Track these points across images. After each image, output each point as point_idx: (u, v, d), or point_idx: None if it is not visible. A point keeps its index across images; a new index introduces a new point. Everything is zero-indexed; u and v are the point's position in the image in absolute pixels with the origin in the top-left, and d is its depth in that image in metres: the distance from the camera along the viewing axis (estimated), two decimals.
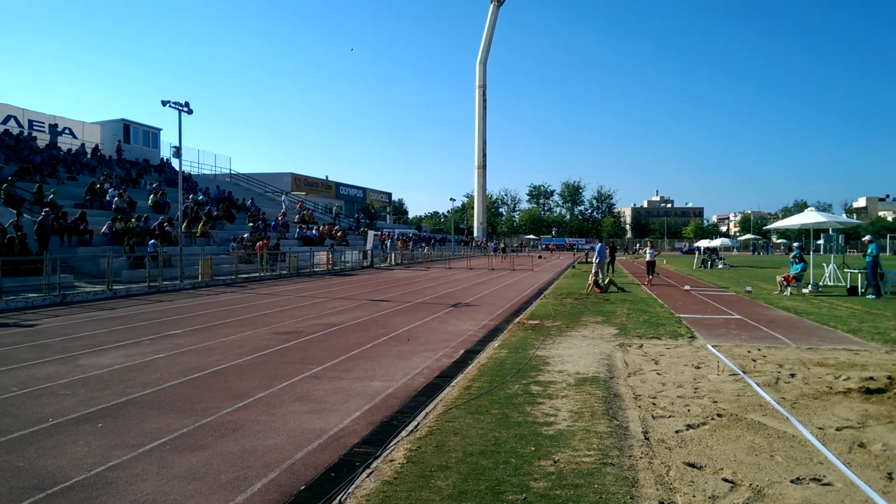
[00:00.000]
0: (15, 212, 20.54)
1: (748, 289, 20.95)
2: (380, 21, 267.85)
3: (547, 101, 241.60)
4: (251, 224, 35.58)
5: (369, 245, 42.18)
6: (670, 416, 5.99)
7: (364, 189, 79.93)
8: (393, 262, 43.71)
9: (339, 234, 44.09)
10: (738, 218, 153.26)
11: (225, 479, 4.58)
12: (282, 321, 13.32)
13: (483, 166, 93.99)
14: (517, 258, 52.36)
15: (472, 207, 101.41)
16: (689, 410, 6.21)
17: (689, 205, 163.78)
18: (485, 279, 28.21)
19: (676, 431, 5.52)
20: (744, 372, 7.99)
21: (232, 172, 54.09)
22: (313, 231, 41.12)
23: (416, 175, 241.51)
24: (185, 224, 27.18)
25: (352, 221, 59.39)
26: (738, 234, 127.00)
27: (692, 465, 4.72)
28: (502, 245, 71.02)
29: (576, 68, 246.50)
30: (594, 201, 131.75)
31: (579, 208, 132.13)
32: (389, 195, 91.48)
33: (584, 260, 48.59)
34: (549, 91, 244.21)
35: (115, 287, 19.08)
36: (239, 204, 40.89)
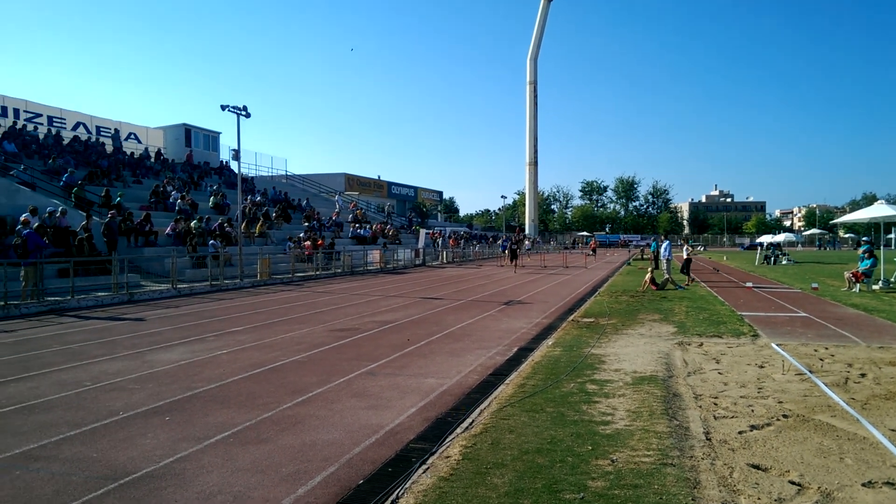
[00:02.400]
0: (85, 214, 21.58)
1: (814, 285, 20.11)
2: (429, 18, 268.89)
3: (599, 95, 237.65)
4: (307, 224, 36.34)
5: (421, 243, 42.49)
6: (733, 417, 5.83)
7: (415, 188, 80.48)
8: (444, 260, 43.88)
9: (391, 232, 44.55)
10: (803, 212, 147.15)
11: (286, 471, 4.71)
12: (337, 318, 13.56)
13: (534, 163, 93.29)
14: (570, 255, 51.73)
15: (524, 205, 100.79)
16: (752, 411, 6.02)
17: (751, 199, 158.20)
18: (537, 276, 28.01)
19: (740, 432, 5.36)
20: (811, 371, 7.69)
21: (288, 174, 55.40)
22: (366, 230, 41.68)
23: (467, 173, 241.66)
24: (244, 224, 27.98)
25: (404, 220, 59.92)
26: (802, 228, 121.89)
27: (757, 467, 4.57)
28: (516, 239, 63.53)
29: (629, 62, 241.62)
30: (649, 196, 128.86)
31: (634, 204, 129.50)
32: (440, 193, 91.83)
33: (639, 256, 47.61)
34: (602, 86, 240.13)
35: (179, 286, 19.83)
36: (295, 204, 41.83)
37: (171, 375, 8.04)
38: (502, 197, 78.34)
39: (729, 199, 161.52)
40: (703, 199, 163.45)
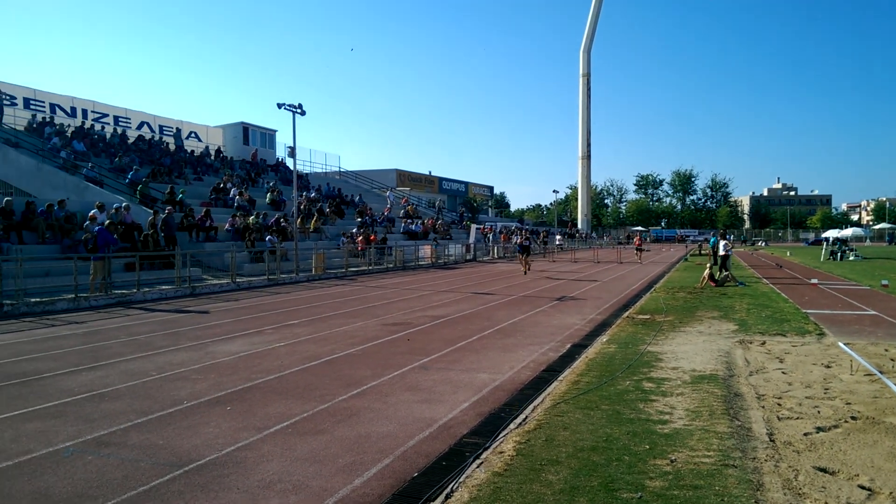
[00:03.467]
0: (152, 211, 22.45)
1: (884, 282, 19.13)
2: (481, 11, 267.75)
3: (654, 87, 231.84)
4: (359, 219, 36.83)
5: (472, 239, 42.46)
6: (798, 418, 5.61)
7: (466, 183, 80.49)
8: (495, 256, 43.75)
9: (442, 228, 44.69)
10: (872, 206, 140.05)
11: (343, 462, 4.80)
12: (390, 313, 13.71)
13: (587, 157, 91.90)
14: (624, 250, 50.77)
15: (576, 199, 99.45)
16: (818, 412, 5.78)
17: (815, 192, 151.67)
18: (590, 272, 27.62)
19: (805, 434, 5.16)
20: (881, 372, 7.33)
21: (341, 170, 56.26)
22: (417, 225, 41.94)
23: (518, 168, 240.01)
24: (299, 220, 28.56)
25: (454, 215, 60.01)
26: (871, 223, 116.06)
27: (823, 470, 4.40)
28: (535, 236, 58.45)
29: (684, 51, 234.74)
30: (708, 190, 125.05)
31: (691, 198, 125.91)
32: (491, 188, 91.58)
33: (697, 252, 46.35)
34: (657, 77, 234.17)
35: (238, 280, 20.42)
36: (348, 200, 42.44)
37: (231, 366, 8.30)
38: (554, 191, 77.75)
39: (792, 193, 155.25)
40: (765, 193, 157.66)
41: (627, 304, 15.09)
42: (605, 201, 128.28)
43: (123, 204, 21.56)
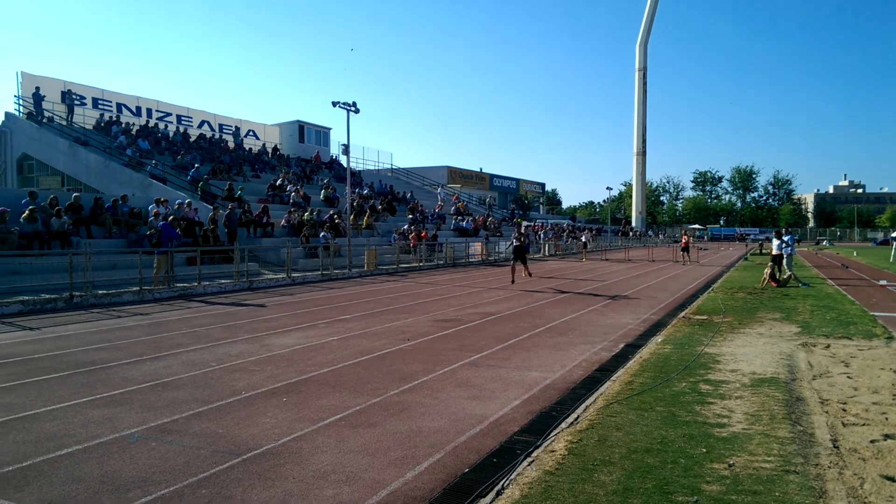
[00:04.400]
0: (212, 207, 23.21)
1: None
2: (532, 6, 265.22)
3: (713, 80, 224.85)
4: (410, 216, 37.11)
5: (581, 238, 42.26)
6: (864, 425, 5.37)
7: (517, 180, 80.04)
8: (546, 253, 43.37)
9: (492, 224, 44.58)
10: None
11: (395, 456, 4.86)
12: (440, 309, 13.78)
13: (643, 153, 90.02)
14: (680, 249, 49.48)
15: (631, 196, 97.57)
16: (886, 419, 5.52)
17: (885, 190, 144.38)
18: (644, 271, 27.06)
19: (872, 441, 4.93)
20: None
21: (393, 167, 56.79)
22: (468, 222, 41.96)
23: (571, 164, 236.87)
24: (352, 217, 29.01)
25: (505, 212, 59.78)
26: None
27: (891, 479, 4.19)
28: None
29: (744, 44, 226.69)
30: (770, 187, 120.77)
31: (752, 195, 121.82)
32: (543, 185, 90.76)
33: (757, 251, 44.81)
34: (715, 70, 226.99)
35: (293, 275, 20.90)
36: (399, 197, 42.83)
37: (287, 359, 8.50)
38: (607, 188, 76.22)
39: (860, 191, 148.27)
40: (831, 191, 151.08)
41: (683, 304, 14.73)
42: (661, 198, 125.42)
43: (186, 201, 22.34)
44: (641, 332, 10.72)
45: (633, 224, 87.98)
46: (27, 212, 17.01)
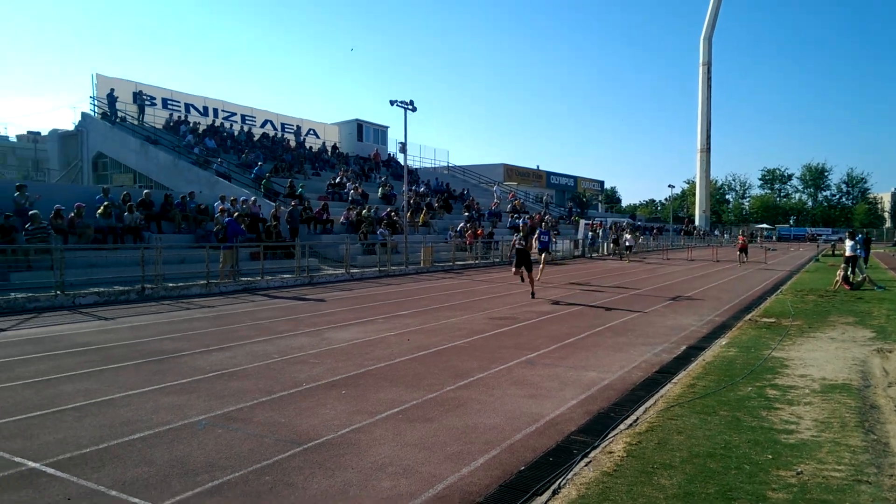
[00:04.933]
0: (274, 204, 23.87)
1: None
2: (590, 1, 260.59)
3: (782, 76, 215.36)
4: (466, 214, 37.15)
5: (580, 234, 41.62)
6: None
7: (575, 177, 78.93)
8: (605, 252, 42.63)
9: (549, 222, 44.15)
10: None
11: (450, 450, 4.89)
12: (496, 307, 13.75)
13: (707, 149, 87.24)
14: (737, 250, 47.75)
15: (694, 194, 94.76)
16: None
17: None
18: (708, 271, 26.26)
19: None
20: None
21: (449, 165, 56.92)
22: (524, 220, 41.70)
23: (630, 162, 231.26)
24: (409, 214, 29.29)
25: (562, 210, 59.10)
26: None
27: None
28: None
29: (814, 36, 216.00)
30: (843, 185, 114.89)
31: (824, 194, 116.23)
32: (601, 183, 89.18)
33: (829, 252, 42.79)
34: (784, 64, 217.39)
35: (351, 270, 21.27)
36: (456, 195, 42.94)
37: (346, 353, 8.67)
38: (669, 186, 74.21)
39: None
40: None
41: (750, 306, 14.22)
42: (727, 197, 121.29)
43: (251, 198, 23.06)
44: (704, 335, 10.42)
45: (697, 223, 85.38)
46: (102, 207, 17.91)
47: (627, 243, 36.62)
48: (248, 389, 6.70)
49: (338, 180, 33.14)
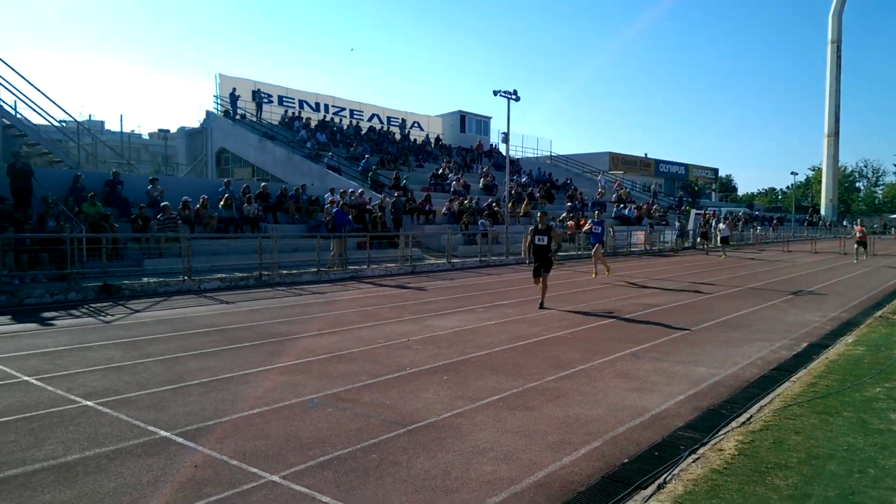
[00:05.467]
0: (380, 195, 24.62)
1: None
2: None
3: None
4: (569, 204, 36.52)
5: (691, 225, 39.76)
6: None
7: (686, 165, 75.35)
8: (718, 243, 40.48)
9: (658, 213, 42.51)
10: None
11: (551, 440, 4.89)
12: (599, 298, 13.47)
13: (835, 134, 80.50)
14: (879, 241, 43.77)
15: (819, 182, 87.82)
16: None
17: None
18: (834, 265, 24.32)
19: None
20: None
21: (552, 154, 56.13)
22: (631, 210, 40.39)
23: (748, 148, 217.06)
24: (510, 205, 29.23)
25: (672, 200, 56.66)
26: None
27: None
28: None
29: None
30: None
31: None
32: (715, 171, 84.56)
33: None
34: None
35: (453, 260, 21.56)
36: (558, 185, 42.31)
37: (447, 340, 8.84)
38: (792, 173, 68.97)
39: None
40: None
41: (881, 303, 13.05)
42: (857, 185, 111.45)
43: (359, 189, 23.91)
44: (828, 332, 9.70)
45: (822, 213, 79.13)
46: (223, 199, 19.21)
47: (722, 234, 30.89)
48: (356, 372, 6.99)
49: (440, 171, 33.61)
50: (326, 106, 41.54)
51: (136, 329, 9.53)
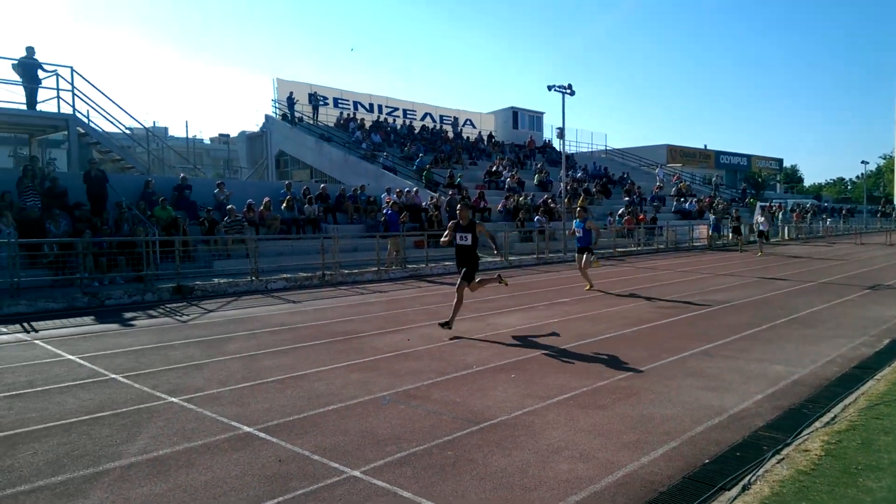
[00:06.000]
0: (435, 194, 24.78)
1: None
2: None
3: None
4: (626, 198, 35.86)
5: (756, 218, 38.43)
6: None
7: (748, 156, 72.79)
8: (785, 237, 39.02)
9: (720, 206, 41.23)
10: None
11: (627, 439, 4.84)
12: (663, 296, 13.19)
13: None
14: None
15: (892, 170, 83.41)
16: None
17: None
18: None
19: None
20: None
21: (607, 148, 55.19)
22: (691, 203, 39.35)
23: (813, 136, 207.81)
24: (566, 200, 28.94)
25: (735, 192, 54.87)
26: None
27: None
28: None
29: None
30: None
31: None
32: (780, 161, 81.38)
33: None
34: None
35: (509, 258, 21.51)
36: (615, 179, 41.58)
37: (511, 338, 8.84)
38: (863, 162, 65.68)
39: None
40: None
41: None
42: None
43: (414, 189, 24.12)
44: None
45: None
46: (285, 201, 19.73)
47: (761, 227, 26.90)
48: (423, 369, 7.08)
49: (494, 169, 33.54)
50: (380, 107, 42.04)
51: (210, 328, 9.91)
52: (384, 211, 20.74)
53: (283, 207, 19.58)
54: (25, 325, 10.17)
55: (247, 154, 41.45)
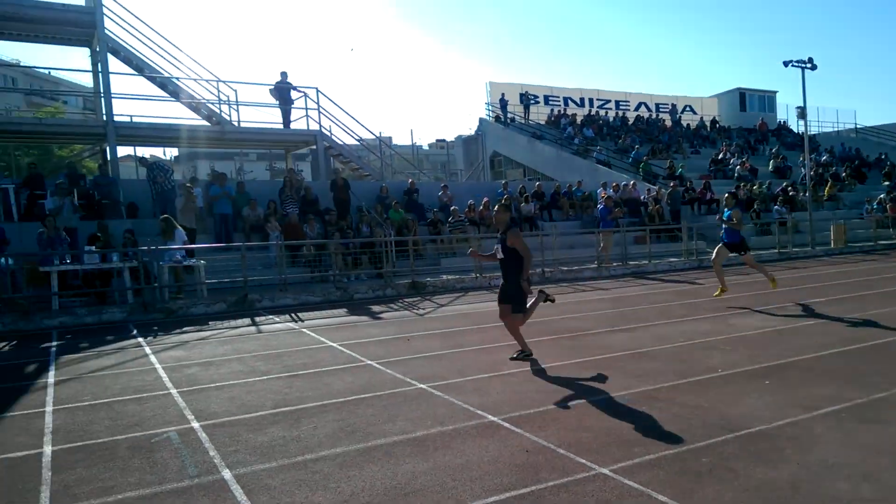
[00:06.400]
0: (655, 187, 23.64)
1: None
2: None
3: None
4: (887, 183, 30.80)
5: None
6: None
7: None
8: None
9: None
10: None
11: None
12: None
13: None
14: None
15: None
16: None
17: None
18: None
19: None
20: None
21: (858, 127, 47.88)
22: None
23: None
24: (811, 186, 25.75)
25: None
26: None
27: None
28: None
29: None
30: None
31: None
32: None
33: None
34: None
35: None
36: (870, 161, 35.97)
37: (756, 341, 8.10)
38: None
39: None
40: None
41: None
42: None
43: (632, 182, 23.29)
44: None
45: None
46: (503, 200, 20.24)
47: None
48: (661, 371, 6.79)
49: (720, 156, 31.04)
50: (591, 100, 41.19)
51: (445, 321, 10.57)
52: (598, 206, 20.31)
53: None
54: (293, 315, 11.77)
55: (463, 157, 43.36)
